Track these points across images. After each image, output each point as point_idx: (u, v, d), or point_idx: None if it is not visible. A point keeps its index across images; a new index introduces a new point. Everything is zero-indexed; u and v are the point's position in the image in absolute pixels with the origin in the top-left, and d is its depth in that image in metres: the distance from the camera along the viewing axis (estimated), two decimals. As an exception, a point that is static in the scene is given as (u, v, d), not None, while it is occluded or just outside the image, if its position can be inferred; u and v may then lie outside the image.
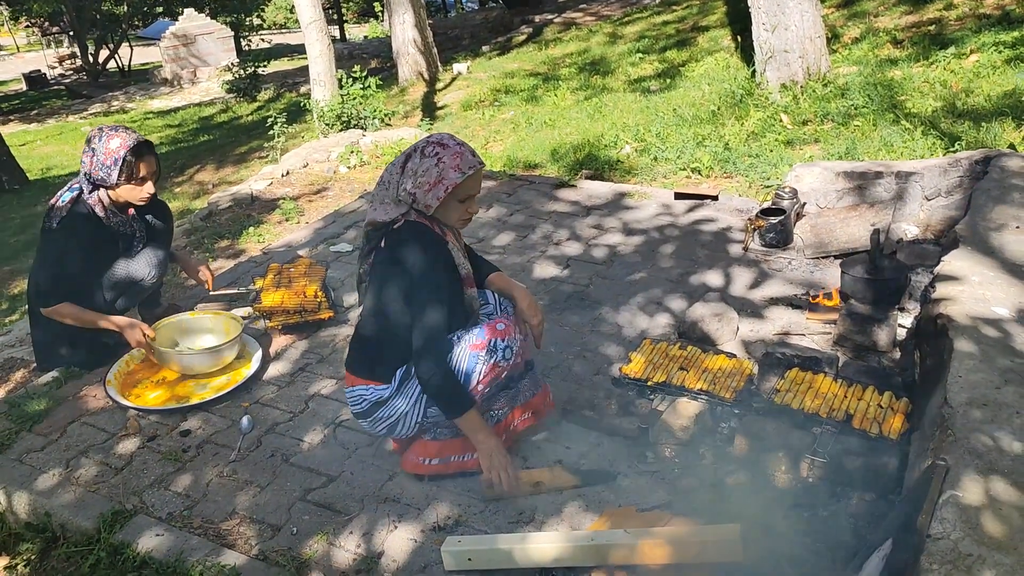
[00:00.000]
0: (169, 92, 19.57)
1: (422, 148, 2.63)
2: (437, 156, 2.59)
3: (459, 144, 2.64)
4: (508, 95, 9.30)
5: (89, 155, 3.39)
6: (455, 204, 2.65)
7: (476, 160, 2.64)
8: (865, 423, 2.79)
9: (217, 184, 8.62)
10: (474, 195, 2.70)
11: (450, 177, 2.58)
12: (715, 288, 3.99)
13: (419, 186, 2.59)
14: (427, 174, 2.58)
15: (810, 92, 6.68)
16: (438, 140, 2.64)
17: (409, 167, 2.62)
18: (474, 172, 2.62)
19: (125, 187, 3.44)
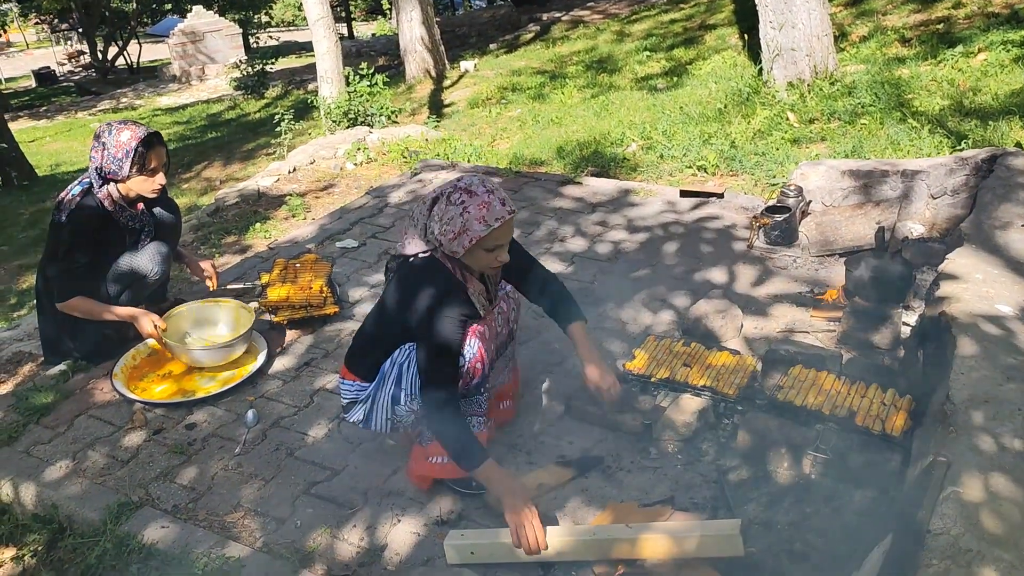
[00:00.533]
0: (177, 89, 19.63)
1: (448, 194, 2.48)
2: (463, 205, 2.44)
3: (488, 191, 2.47)
4: (515, 93, 9.30)
5: (99, 149, 3.41)
6: (482, 253, 2.52)
7: (505, 210, 2.47)
8: (868, 420, 2.79)
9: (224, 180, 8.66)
10: (503, 244, 2.55)
11: (474, 229, 2.44)
12: (719, 285, 3.99)
13: (444, 233, 2.48)
14: (452, 223, 2.45)
15: (817, 90, 6.67)
16: (466, 186, 2.48)
17: (435, 211, 2.49)
18: (501, 224, 2.47)
19: (136, 179, 3.46)
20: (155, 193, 3.56)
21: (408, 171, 6.03)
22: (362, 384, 2.72)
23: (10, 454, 3.10)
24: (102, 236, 3.49)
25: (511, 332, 2.89)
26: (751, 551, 2.40)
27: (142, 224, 3.62)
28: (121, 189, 3.49)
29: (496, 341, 2.77)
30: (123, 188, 3.49)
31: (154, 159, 3.48)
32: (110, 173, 3.43)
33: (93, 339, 3.62)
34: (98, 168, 3.44)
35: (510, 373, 3.01)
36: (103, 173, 3.44)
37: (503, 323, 2.81)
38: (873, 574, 1.95)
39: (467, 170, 5.89)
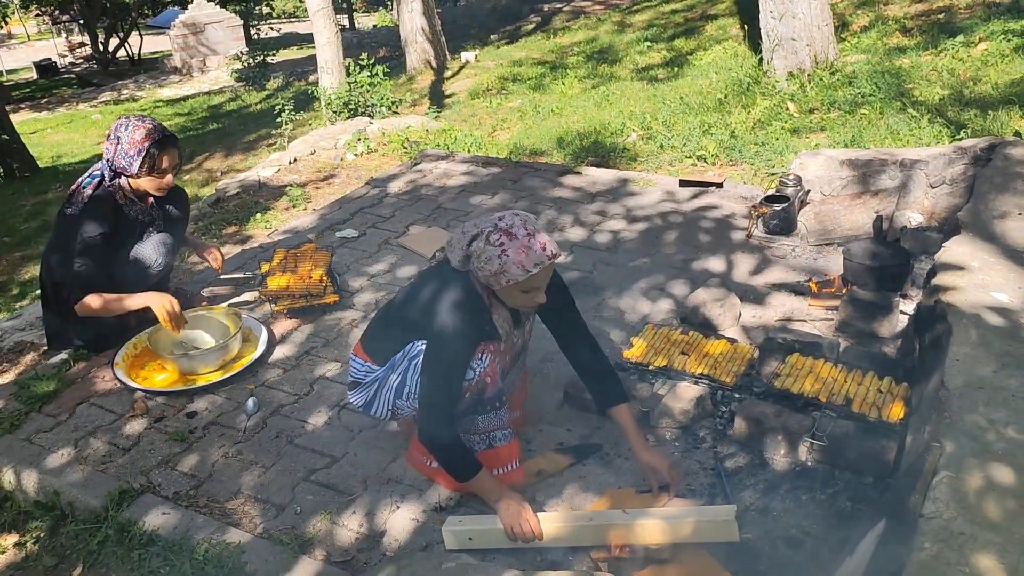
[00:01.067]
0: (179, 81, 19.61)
1: (488, 233, 2.41)
2: (502, 247, 2.37)
3: (529, 234, 2.38)
4: (515, 83, 9.30)
5: (114, 143, 3.43)
6: (518, 293, 2.47)
7: (544, 255, 2.38)
8: (864, 407, 2.81)
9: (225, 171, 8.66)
10: (541, 286, 2.49)
11: (512, 272, 2.38)
12: (717, 274, 4.00)
13: (481, 269, 2.43)
14: (489, 263, 2.40)
15: (817, 80, 6.67)
16: (506, 227, 2.40)
17: (474, 247, 2.44)
18: (540, 270, 2.40)
19: (146, 178, 3.48)
20: (161, 192, 3.58)
21: (408, 161, 6.03)
22: (371, 367, 2.73)
23: (12, 442, 3.12)
24: (113, 228, 3.50)
25: (525, 343, 2.86)
26: (747, 537, 2.42)
27: (151, 218, 3.64)
28: (131, 184, 3.51)
29: (511, 352, 2.75)
30: (133, 183, 3.51)
31: (165, 160, 3.49)
32: (120, 168, 3.44)
33: (94, 329, 3.64)
34: (109, 161, 3.45)
35: (520, 381, 2.98)
36: (114, 167, 3.46)
37: (518, 335, 2.77)
38: (866, 558, 1.96)
39: (466, 160, 5.90)
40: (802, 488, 2.65)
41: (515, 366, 2.84)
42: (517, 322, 2.70)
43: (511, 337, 2.68)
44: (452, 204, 5.12)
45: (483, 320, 2.55)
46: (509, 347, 2.70)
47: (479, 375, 2.54)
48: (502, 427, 2.67)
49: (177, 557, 2.52)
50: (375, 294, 4.06)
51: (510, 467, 2.69)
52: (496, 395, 2.62)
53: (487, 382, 2.56)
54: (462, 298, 2.50)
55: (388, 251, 4.54)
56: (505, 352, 2.67)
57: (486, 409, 2.63)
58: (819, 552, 2.40)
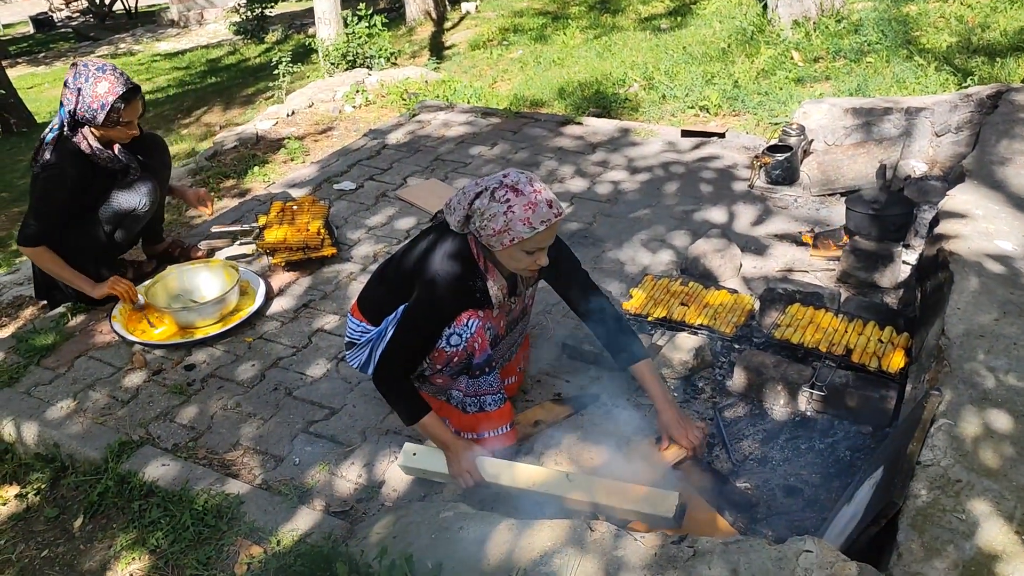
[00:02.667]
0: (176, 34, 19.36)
1: (493, 189, 2.36)
2: (508, 203, 2.32)
3: (535, 191, 2.34)
4: (517, 34, 9.16)
5: (74, 94, 3.30)
6: (521, 254, 2.40)
7: (551, 213, 2.34)
8: (865, 357, 2.79)
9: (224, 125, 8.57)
10: (544, 247, 2.43)
11: (517, 229, 2.32)
12: (718, 225, 3.97)
13: (484, 228, 2.37)
14: (493, 220, 2.34)
15: (823, 28, 6.55)
16: (513, 183, 2.35)
17: (477, 205, 2.38)
18: (546, 228, 2.35)
19: (108, 130, 3.40)
20: (127, 139, 3.50)
21: (407, 113, 5.96)
22: (367, 327, 2.72)
23: (11, 395, 3.13)
24: (82, 179, 3.43)
25: (524, 309, 2.82)
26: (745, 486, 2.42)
27: (124, 164, 3.55)
28: (96, 132, 3.42)
29: (507, 318, 2.71)
30: (98, 132, 3.42)
31: (130, 113, 3.39)
32: (84, 120, 3.34)
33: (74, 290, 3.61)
34: (72, 111, 3.33)
35: (518, 348, 2.92)
36: (77, 118, 3.35)
37: (517, 303, 2.73)
38: (863, 505, 1.96)
39: (465, 111, 5.83)
40: (801, 438, 2.65)
41: (511, 333, 2.80)
42: (514, 290, 2.65)
43: (506, 304, 2.64)
44: (451, 155, 5.07)
45: (473, 283, 2.50)
46: (503, 314, 2.66)
47: (466, 342, 2.50)
48: (492, 392, 2.64)
49: (177, 508, 2.53)
50: (373, 246, 4.04)
51: (502, 430, 2.66)
52: (485, 360, 2.58)
53: (475, 347, 2.53)
54: (454, 259, 2.46)
55: (386, 203, 4.50)
56: (498, 318, 2.63)
57: (475, 374, 2.60)
58: (817, 500, 2.40)
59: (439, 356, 2.54)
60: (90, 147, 3.41)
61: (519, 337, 2.88)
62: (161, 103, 10.59)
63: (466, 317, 2.49)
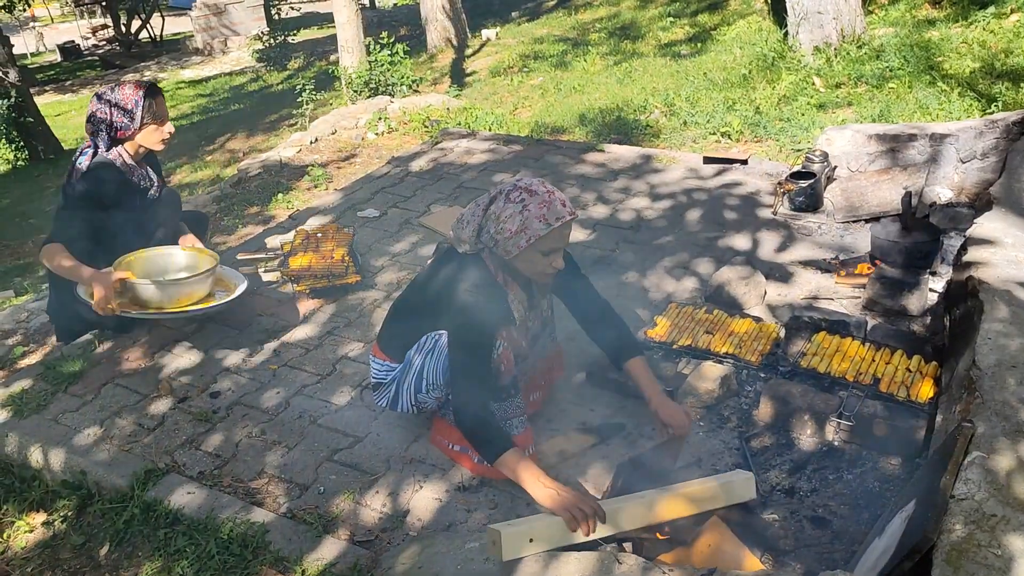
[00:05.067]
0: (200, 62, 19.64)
1: (508, 192, 2.44)
2: (523, 203, 2.40)
3: (549, 191, 2.43)
4: (537, 61, 9.23)
5: (106, 107, 3.40)
6: (537, 256, 2.45)
7: (566, 211, 2.41)
8: (893, 387, 2.77)
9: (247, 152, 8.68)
10: (559, 248, 2.49)
11: (533, 227, 2.38)
12: (743, 252, 3.95)
13: (500, 232, 2.42)
14: (510, 220, 2.40)
15: (844, 54, 6.55)
16: (526, 185, 2.44)
17: (492, 210, 2.44)
18: (561, 224, 2.41)
19: (147, 129, 3.47)
20: (164, 144, 3.56)
21: (429, 140, 6.01)
22: (391, 365, 2.72)
23: (39, 422, 3.15)
24: (119, 192, 3.48)
25: (546, 323, 2.82)
26: (772, 517, 2.40)
27: (150, 182, 3.62)
28: (129, 149, 3.49)
29: (526, 337, 2.71)
30: (131, 147, 3.49)
31: (160, 106, 3.50)
32: (121, 128, 3.42)
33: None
34: (108, 125, 3.42)
35: (542, 363, 2.90)
36: (113, 130, 3.43)
37: (535, 317, 2.75)
38: (895, 539, 1.93)
39: (487, 138, 5.86)
40: (829, 468, 2.62)
41: (533, 350, 2.80)
42: (532, 303, 2.67)
43: (525, 321, 2.65)
44: (473, 183, 5.09)
45: (500, 302, 2.52)
46: (524, 332, 2.67)
47: (494, 362, 2.51)
48: (518, 414, 2.66)
49: (202, 536, 2.53)
50: (397, 274, 4.05)
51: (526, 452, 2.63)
52: (511, 382, 2.59)
53: (501, 369, 2.54)
54: (477, 280, 2.48)
55: (409, 230, 4.53)
56: (519, 338, 2.64)
57: (501, 397, 2.60)
58: (846, 532, 2.37)
59: None
60: (124, 164, 3.49)
61: (543, 352, 2.88)
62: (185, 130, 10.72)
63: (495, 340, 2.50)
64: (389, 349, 2.73)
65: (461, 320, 2.47)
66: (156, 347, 3.59)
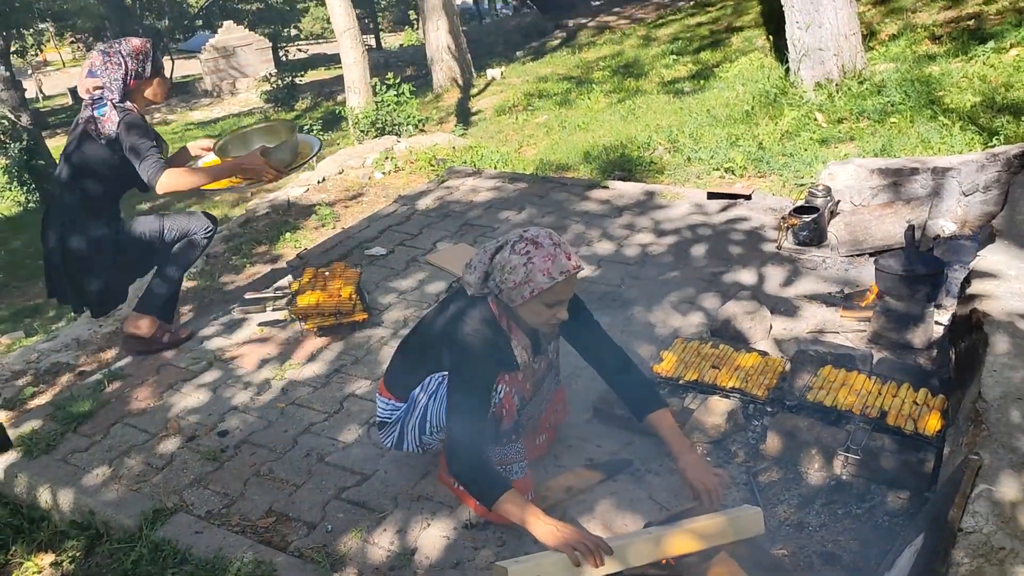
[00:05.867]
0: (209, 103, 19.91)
1: (514, 243, 2.44)
2: (528, 255, 2.40)
3: (554, 244, 2.42)
4: (541, 99, 9.33)
5: (118, 61, 3.48)
6: (541, 308, 2.45)
7: (570, 264, 2.41)
8: (900, 420, 2.76)
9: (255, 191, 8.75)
10: (564, 300, 2.49)
11: (537, 280, 2.39)
12: (748, 286, 3.97)
13: (504, 281, 2.43)
14: (514, 271, 2.40)
15: (845, 90, 6.61)
16: (532, 237, 2.44)
17: (498, 259, 2.45)
18: (565, 278, 2.41)
19: (157, 80, 3.63)
20: (165, 97, 3.76)
21: (435, 178, 6.07)
22: (396, 404, 2.73)
23: (49, 462, 3.17)
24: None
25: (551, 365, 2.83)
26: (781, 552, 2.39)
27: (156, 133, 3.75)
28: (138, 101, 3.61)
29: (532, 380, 2.72)
30: (141, 99, 3.62)
31: (160, 59, 3.66)
32: (135, 77, 3.52)
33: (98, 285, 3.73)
34: (125, 75, 3.50)
35: (547, 404, 2.91)
36: (129, 78, 3.51)
37: (540, 362, 2.74)
38: (904, 573, 1.93)
39: (493, 176, 5.92)
40: (838, 503, 2.61)
41: (538, 393, 2.80)
42: (537, 348, 2.67)
43: (530, 366, 2.65)
44: (480, 220, 5.14)
45: (502, 346, 2.53)
46: (529, 375, 2.67)
47: (495, 407, 2.51)
48: (519, 459, 2.66)
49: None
50: (404, 311, 4.08)
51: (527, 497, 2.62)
52: (512, 427, 2.60)
53: (503, 414, 2.54)
54: (480, 323, 2.49)
55: (416, 268, 4.56)
56: (524, 381, 2.64)
57: (502, 441, 2.61)
58: (856, 567, 2.36)
59: None
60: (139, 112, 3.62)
61: (548, 395, 2.88)
62: (195, 171, 10.82)
63: (495, 382, 2.50)
64: (395, 388, 2.73)
65: (460, 362, 2.47)
66: (164, 386, 3.61)
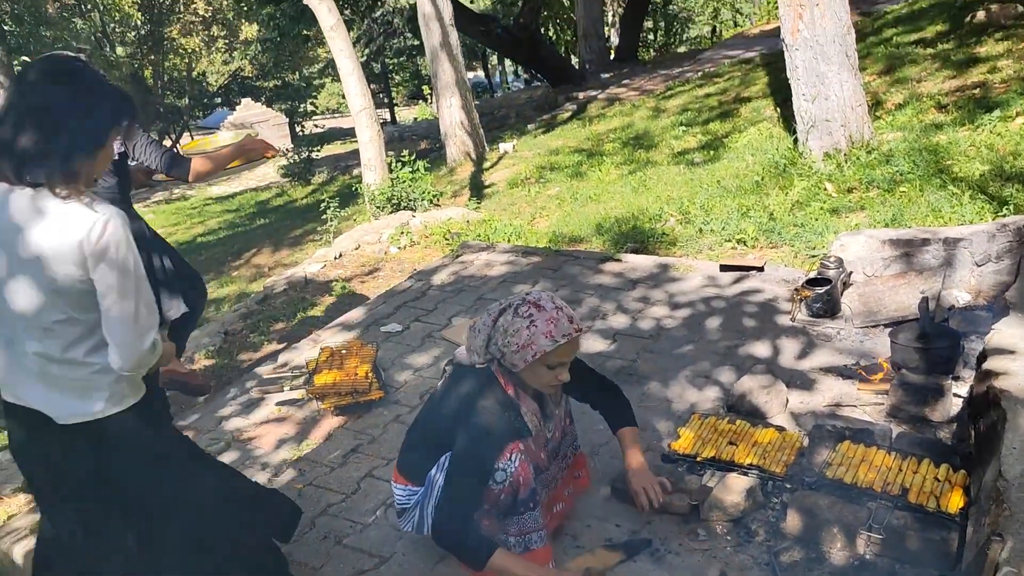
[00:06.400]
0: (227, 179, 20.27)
1: (516, 306, 2.52)
2: (530, 318, 2.47)
3: (556, 308, 2.51)
4: (553, 172, 9.46)
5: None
6: (543, 370, 2.52)
7: (572, 328, 2.49)
8: (922, 497, 2.73)
9: (273, 267, 8.86)
10: (566, 363, 2.56)
11: (540, 343, 2.45)
12: (763, 360, 3.97)
13: (507, 345, 2.49)
14: (517, 335, 2.47)
15: (854, 160, 6.68)
16: (535, 300, 2.52)
17: (500, 323, 2.52)
18: (567, 341, 2.49)
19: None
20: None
21: (450, 253, 6.14)
22: (413, 488, 2.73)
23: (67, 547, 3.16)
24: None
25: (566, 433, 2.86)
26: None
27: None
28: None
29: (545, 449, 2.74)
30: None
31: None
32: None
33: None
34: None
35: (562, 475, 2.94)
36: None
37: (555, 427, 2.78)
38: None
39: (506, 250, 5.99)
40: (861, 583, 2.58)
41: (553, 462, 2.81)
42: (546, 414, 2.70)
43: (542, 432, 2.67)
44: (494, 294, 5.18)
45: (512, 415, 2.56)
46: (541, 443, 2.68)
47: (512, 476, 2.52)
48: (537, 529, 2.64)
49: (227, 664, 2.51)
50: (420, 388, 4.09)
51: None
52: (530, 495, 2.59)
53: (519, 483, 2.54)
54: (488, 396, 2.53)
55: (432, 344, 4.59)
56: (538, 450, 2.65)
57: (520, 511, 2.60)
58: (882, 652, 2.32)
59: (487, 496, 2.54)
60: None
61: (564, 463, 2.90)
62: (212, 246, 11.00)
63: (509, 452, 2.51)
64: (409, 473, 2.74)
65: (465, 444, 2.50)
66: (183, 468, 3.61)
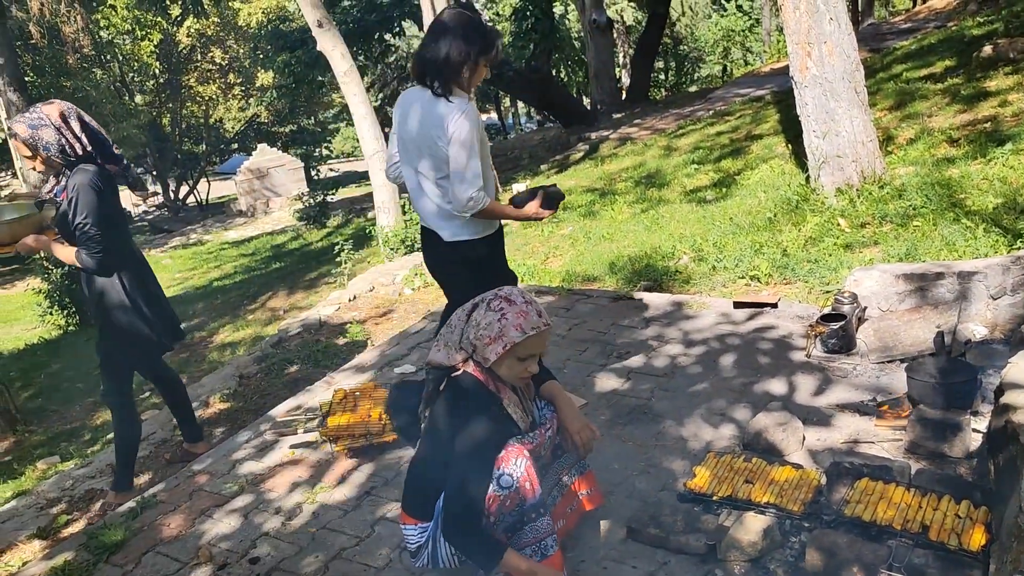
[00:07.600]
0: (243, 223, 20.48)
1: (489, 301, 2.63)
2: (501, 312, 2.59)
3: (527, 302, 2.62)
4: (566, 211, 9.50)
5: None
6: (514, 361, 2.62)
7: (541, 321, 2.61)
8: (943, 534, 2.69)
9: (288, 310, 8.92)
10: (536, 354, 2.66)
11: (510, 335, 2.56)
12: (778, 396, 3.94)
13: (479, 338, 2.59)
14: (489, 328, 2.58)
15: (866, 195, 6.68)
16: (506, 295, 2.64)
17: (474, 317, 2.63)
18: (536, 333, 2.59)
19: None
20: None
21: (464, 294, 6.15)
22: (423, 525, 2.73)
23: (81, 594, 3.16)
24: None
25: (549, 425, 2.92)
26: None
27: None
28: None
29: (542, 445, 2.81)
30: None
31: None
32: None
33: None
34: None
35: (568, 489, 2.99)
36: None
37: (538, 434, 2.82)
38: None
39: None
40: (883, 624, 2.53)
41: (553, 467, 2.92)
42: (525, 407, 2.80)
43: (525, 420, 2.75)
44: (508, 335, 5.17)
45: (497, 412, 2.64)
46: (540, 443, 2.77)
47: (518, 482, 2.55)
48: (550, 533, 2.68)
49: None
50: (434, 430, 4.08)
51: None
52: (538, 502, 2.63)
53: (527, 487, 2.58)
54: (471, 391, 2.62)
55: (446, 385, 4.58)
56: (537, 449, 2.73)
57: (531, 518, 2.64)
58: None
59: (492, 503, 2.56)
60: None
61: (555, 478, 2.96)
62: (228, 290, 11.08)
63: (513, 456, 2.56)
64: (417, 511, 2.75)
65: (463, 445, 2.56)
66: (196, 512, 3.62)
